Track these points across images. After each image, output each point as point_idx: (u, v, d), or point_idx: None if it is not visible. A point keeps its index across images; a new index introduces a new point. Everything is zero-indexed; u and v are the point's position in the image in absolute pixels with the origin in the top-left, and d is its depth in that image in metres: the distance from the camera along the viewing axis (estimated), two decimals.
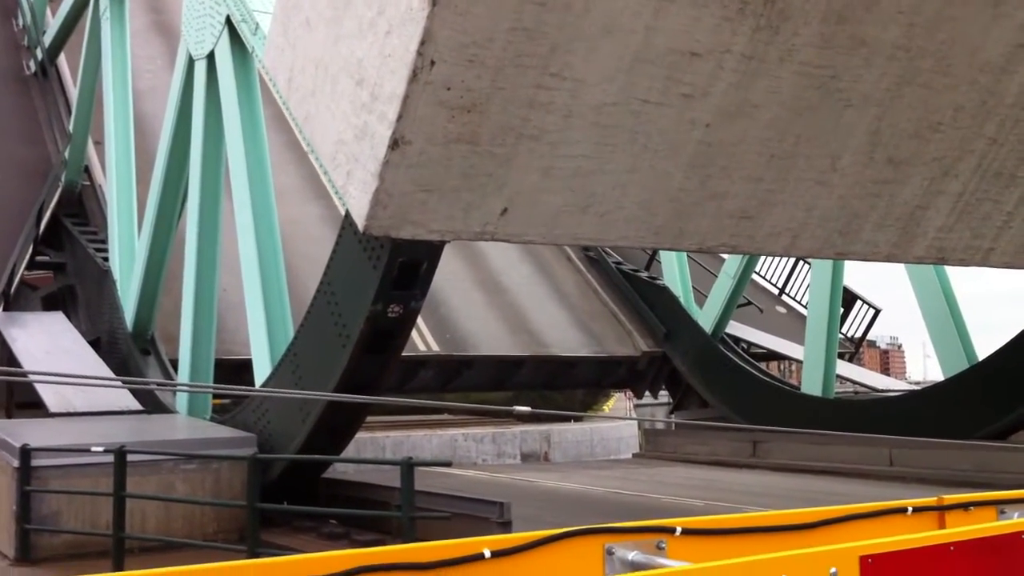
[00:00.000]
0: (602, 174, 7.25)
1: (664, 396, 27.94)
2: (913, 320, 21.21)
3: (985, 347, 17.68)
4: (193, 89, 14.12)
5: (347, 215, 8.38)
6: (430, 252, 9.68)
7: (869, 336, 33.30)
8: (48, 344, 15.58)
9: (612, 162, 7.20)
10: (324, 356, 10.32)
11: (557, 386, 27.57)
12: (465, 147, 6.63)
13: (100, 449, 10.53)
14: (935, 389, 18.71)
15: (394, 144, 6.42)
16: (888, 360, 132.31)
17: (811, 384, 20.03)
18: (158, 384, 14.78)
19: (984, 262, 9.95)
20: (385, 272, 9.53)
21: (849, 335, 27.87)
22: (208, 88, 13.68)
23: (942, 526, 3.55)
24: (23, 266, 20.75)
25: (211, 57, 13.58)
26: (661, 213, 7.72)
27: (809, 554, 2.64)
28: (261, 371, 12.85)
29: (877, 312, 28.21)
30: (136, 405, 13.62)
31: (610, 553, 3.03)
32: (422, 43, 6.07)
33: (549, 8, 6.22)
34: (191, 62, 14.21)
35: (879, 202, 8.65)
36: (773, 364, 29.97)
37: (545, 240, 7.53)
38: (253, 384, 13.33)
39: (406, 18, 6.17)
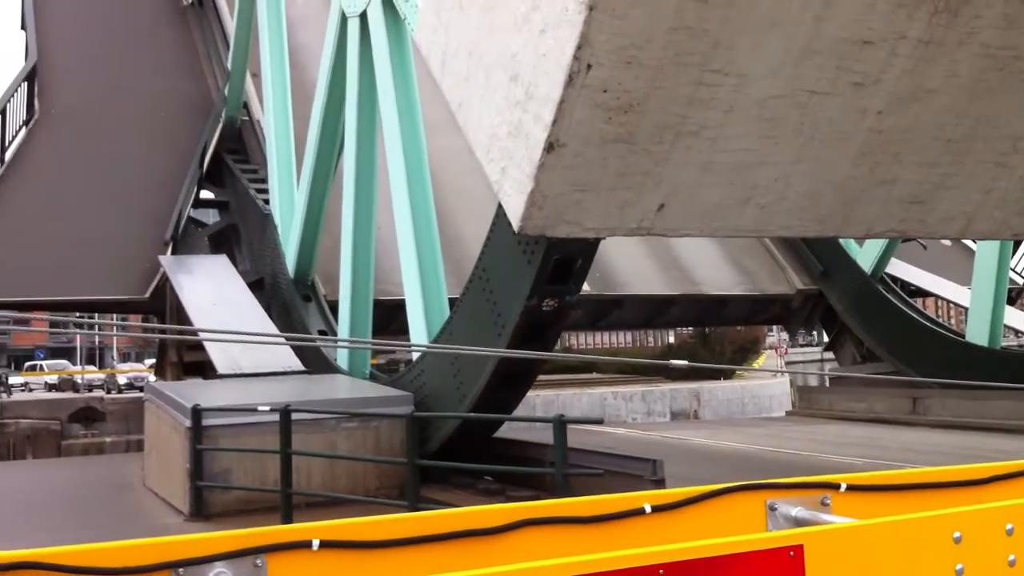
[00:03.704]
0: (765, 166, 6.99)
1: (816, 354, 27.17)
2: None
3: None
4: (347, 46, 14.22)
5: (501, 208, 8.34)
6: (585, 249, 9.57)
7: None
8: (213, 293, 16.15)
9: (776, 154, 6.93)
10: (480, 344, 10.38)
11: (707, 323, 27.21)
12: (622, 147, 6.48)
13: (267, 408, 10.93)
14: None
15: (549, 147, 6.32)
16: None
17: (977, 332, 19.11)
18: (322, 341, 15.19)
19: None
20: (540, 268, 9.48)
21: (1018, 271, 26.45)
22: (361, 46, 13.76)
23: None
24: (189, 206, 21.52)
25: (364, 17, 13.62)
26: (826, 202, 7.42)
27: (984, 510, 2.54)
28: (415, 315, 13.04)
29: None
30: (298, 364, 14.06)
31: (772, 509, 2.97)
32: (578, 47, 5.91)
33: (712, 5, 5.96)
34: (344, 18, 14.30)
35: None
36: (930, 301, 28.70)
37: (703, 233, 7.34)
38: (408, 327, 13.54)
39: (561, 19, 6.01)
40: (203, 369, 17.46)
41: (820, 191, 7.32)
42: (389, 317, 17.65)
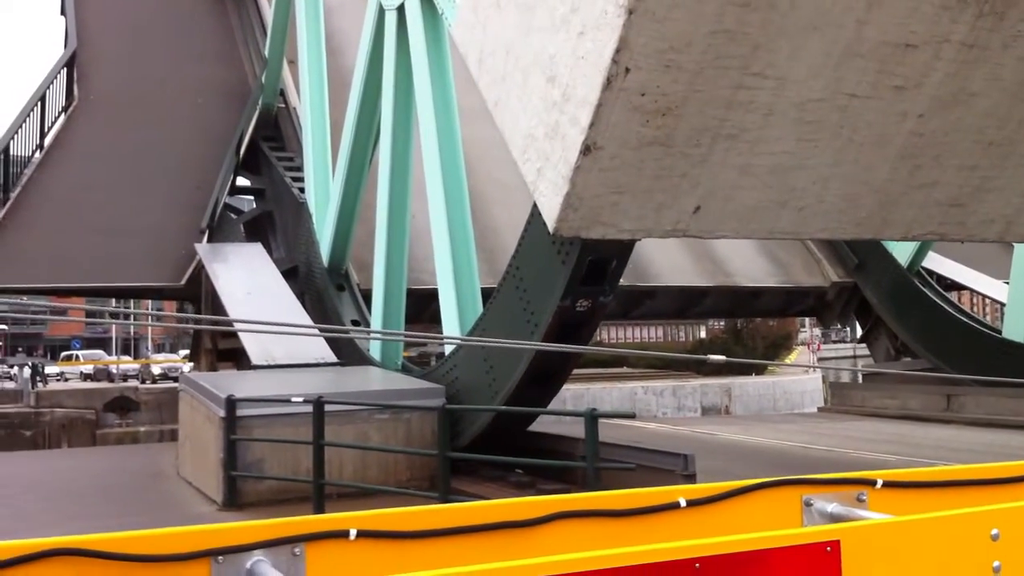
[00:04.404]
0: (803, 169, 6.95)
1: (849, 350, 26.88)
2: None
3: None
4: (384, 38, 14.23)
5: (536, 206, 8.33)
6: (620, 250, 9.53)
7: None
8: (248, 282, 16.27)
9: (814, 157, 6.89)
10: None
11: (740, 315, 27.02)
12: (659, 149, 6.46)
13: (300, 400, 11.03)
14: None
15: (586, 150, 6.31)
16: None
17: (1014, 328, 18.81)
18: (356, 332, 15.24)
19: None
20: (574, 269, 9.46)
21: None
22: (398, 39, 13.76)
23: None
24: (225, 194, 21.63)
25: (401, 10, 13.63)
26: (865, 205, 7.37)
27: (1022, 507, 2.52)
28: (448, 307, 13.06)
29: None
30: (331, 356, 14.15)
31: (808, 504, 2.99)
32: (617, 51, 5.88)
33: (753, 8, 5.92)
34: (381, 11, 14.31)
35: None
36: (965, 294, 28.28)
37: (739, 235, 7.31)
38: (440, 317, 13.57)
39: (600, 22, 5.98)
40: (237, 356, 17.59)
41: (859, 194, 7.26)
42: (421, 306, 17.69)
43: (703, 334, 51.95)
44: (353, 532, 2.46)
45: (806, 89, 6.46)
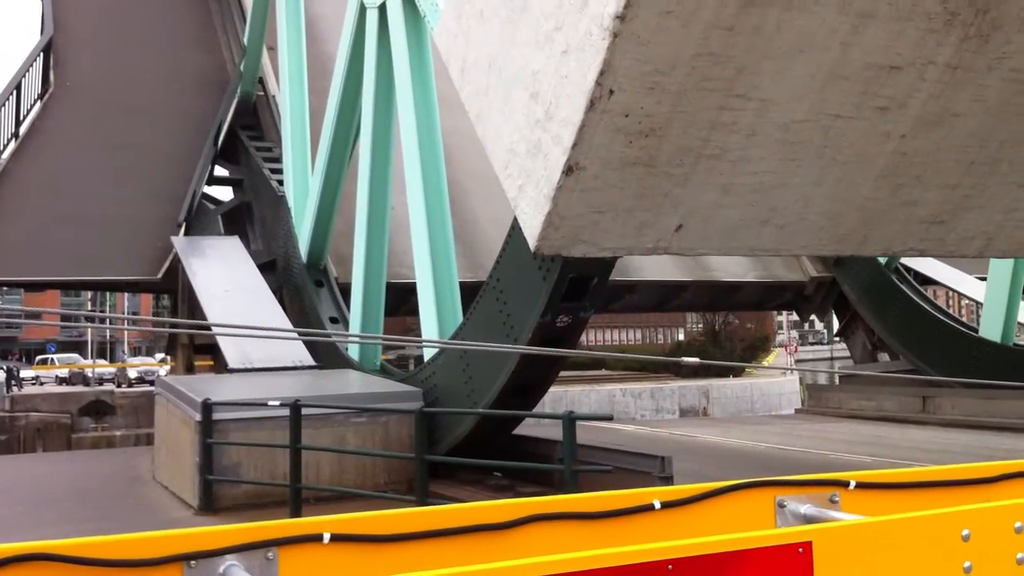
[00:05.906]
0: (785, 188, 6.92)
1: (826, 351, 27.02)
2: None
3: None
4: (365, 35, 14.07)
5: (516, 221, 8.25)
6: (601, 267, 9.48)
7: None
8: (226, 278, 16.10)
9: (797, 176, 6.87)
10: (493, 355, 10.35)
11: (719, 308, 27.05)
12: (641, 169, 6.41)
13: (277, 403, 10.93)
14: None
15: (568, 170, 6.26)
16: None
17: (990, 328, 18.93)
18: (338, 336, 15.10)
19: None
20: (555, 286, 9.40)
21: None
22: (379, 37, 13.61)
23: None
24: (203, 184, 21.39)
25: (383, 9, 13.47)
26: (846, 222, 7.36)
27: (992, 508, 2.53)
28: (427, 312, 12.95)
29: None
30: (309, 358, 14.03)
31: (781, 506, 3.00)
32: (601, 73, 5.83)
33: (737, 32, 5.88)
34: (363, 8, 14.15)
35: None
36: (940, 288, 28.40)
37: (720, 252, 7.29)
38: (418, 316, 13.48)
39: (584, 43, 5.93)
40: (213, 350, 17.45)
41: (840, 212, 7.25)
42: (400, 300, 17.61)
43: (681, 336, 52.02)
44: (327, 536, 2.45)
45: (790, 110, 6.43)
